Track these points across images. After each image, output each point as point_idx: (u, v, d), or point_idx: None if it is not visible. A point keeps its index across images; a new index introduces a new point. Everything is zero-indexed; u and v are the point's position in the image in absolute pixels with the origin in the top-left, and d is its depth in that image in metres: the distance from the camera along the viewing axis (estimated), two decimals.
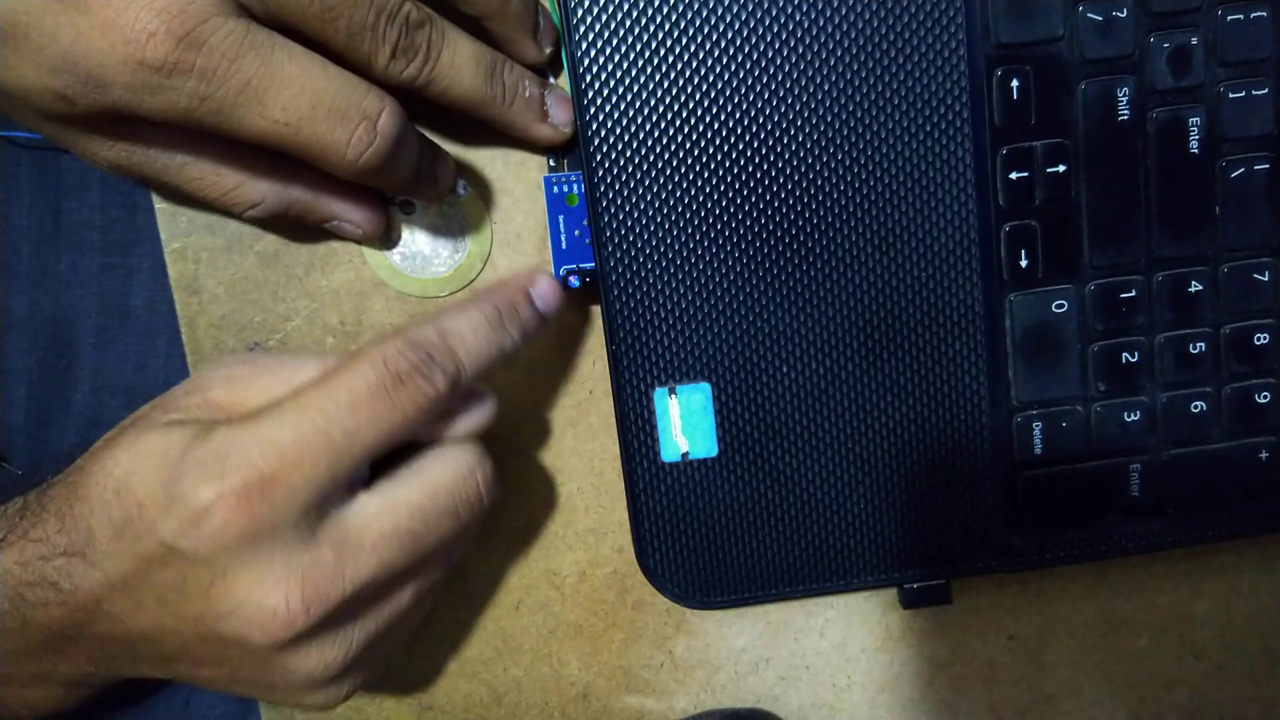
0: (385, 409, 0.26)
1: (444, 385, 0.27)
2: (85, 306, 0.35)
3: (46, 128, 0.27)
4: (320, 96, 0.26)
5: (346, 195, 0.31)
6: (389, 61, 0.27)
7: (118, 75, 0.24)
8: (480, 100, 0.29)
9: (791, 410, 0.33)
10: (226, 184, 0.29)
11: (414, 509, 0.28)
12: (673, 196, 0.31)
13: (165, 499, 0.25)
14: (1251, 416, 0.33)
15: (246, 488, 0.25)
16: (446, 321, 0.28)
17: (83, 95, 0.25)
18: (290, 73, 0.26)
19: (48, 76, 0.25)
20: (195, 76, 0.25)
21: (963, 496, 0.33)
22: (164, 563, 0.26)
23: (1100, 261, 0.32)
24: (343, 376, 0.26)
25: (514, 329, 0.30)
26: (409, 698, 0.36)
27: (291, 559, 0.26)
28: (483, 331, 0.29)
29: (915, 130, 0.31)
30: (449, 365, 0.28)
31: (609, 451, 0.35)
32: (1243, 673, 0.37)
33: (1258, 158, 0.32)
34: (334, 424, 0.26)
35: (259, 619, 0.26)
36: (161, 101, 0.25)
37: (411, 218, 0.33)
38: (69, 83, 0.25)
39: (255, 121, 0.26)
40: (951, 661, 0.37)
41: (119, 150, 0.28)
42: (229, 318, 0.33)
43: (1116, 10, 0.31)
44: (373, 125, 0.27)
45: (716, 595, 0.34)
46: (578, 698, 0.36)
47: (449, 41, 0.28)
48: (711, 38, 0.30)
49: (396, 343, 0.27)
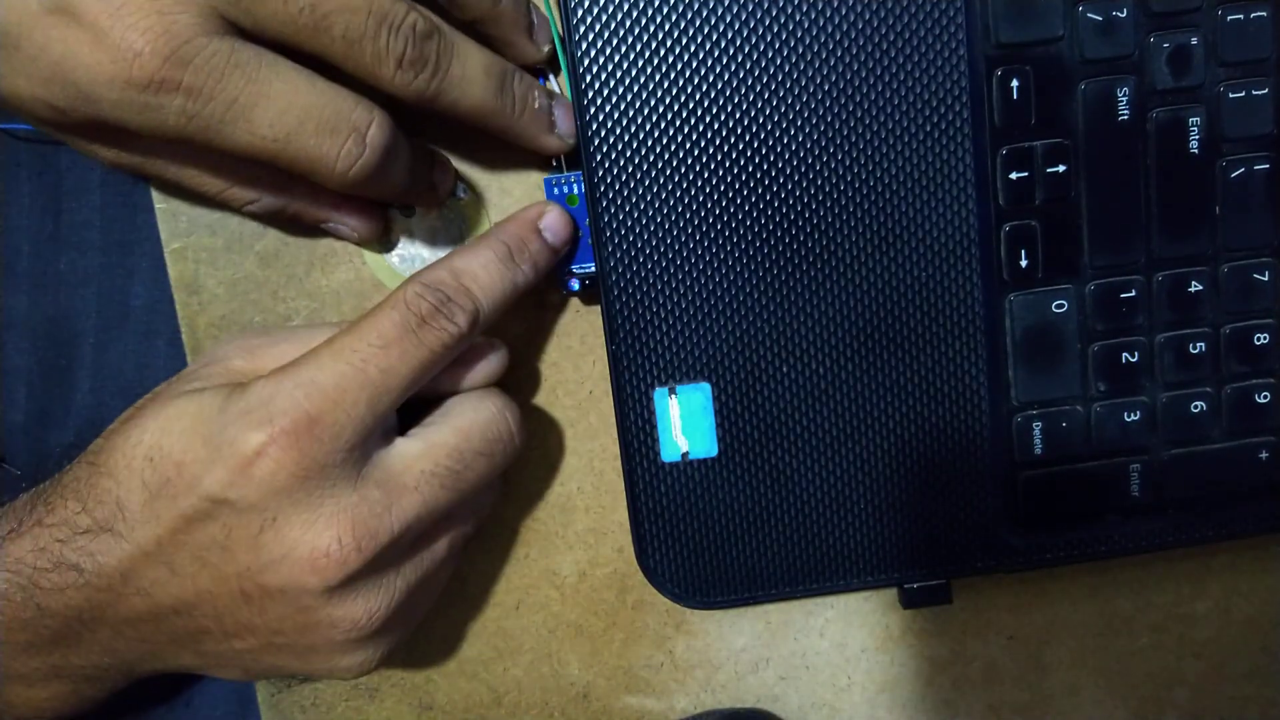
0: (414, 346, 0.27)
1: (465, 322, 0.28)
2: (85, 306, 0.35)
3: (48, 128, 0.28)
4: (308, 111, 0.26)
5: (342, 199, 0.31)
6: (395, 73, 0.27)
7: (106, 92, 0.25)
8: (490, 112, 0.29)
9: (791, 410, 0.33)
10: (223, 183, 0.30)
11: (451, 449, 0.29)
12: (673, 197, 0.31)
13: (209, 452, 0.26)
14: (1251, 416, 0.33)
15: (295, 428, 0.26)
16: (459, 261, 0.29)
17: (74, 108, 0.25)
18: (277, 89, 0.26)
19: (39, 88, 0.25)
20: (182, 94, 0.25)
21: (963, 496, 0.33)
22: (208, 517, 0.26)
23: (1100, 261, 0.32)
24: (370, 321, 0.27)
25: (525, 264, 0.30)
26: (409, 698, 0.36)
27: (341, 499, 0.27)
28: (495, 268, 0.29)
29: (915, 130, 0.31)
30: (467, 303, 0.29)
31: (609, 451, 0.35)
32: (1243, 673, 0.37)
33: (1258, 158, 0.32)
34: (369, 362, 0.27)
35: (312, 560, 0.26)
36: (150, 119, 0.25)
37: (411, 220, 0.33)
38: (60, 95, 0.25)
39: (243, 138, 0.26)
40: (951, 661, 0.37)
41: (116, 153, 0.28)
42: (229, 318, 0.33)
43: (1116, 10, 0.31)
44: (361, 138, 0.27)
45: (716, 595, 0.34)
46: (578, 698, 0.36)
47: (458, 52, 0.28)
48: (711, 38, 0.30)
49: (415, 286, 0.28)
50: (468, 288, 0.29)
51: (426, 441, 0.29)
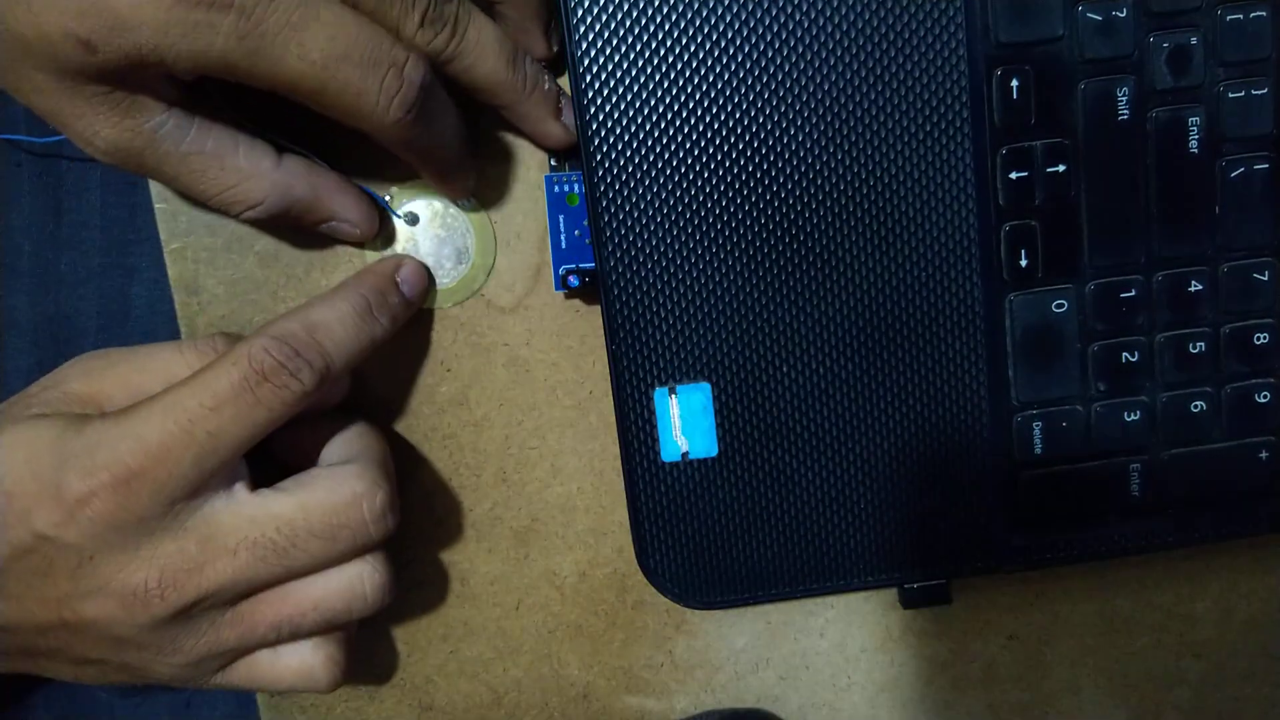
0: (248, 406, 0.27)
1: (310, 380, 0.28)
2: (85, 306, 0.35)
3: (52, 99, 0.26)
4: (355, 40, 0.26)
5: (345, 192, 0.31)
6: (418, 29, 0.27)
7: (150, 13, 0.24)
8: (501, 83, 0.29)
9: (791, 410, 0.33)
10: (228, 179, 0.29)
11: (284, 523, 0.28)
12: (673, 196, 0.31)
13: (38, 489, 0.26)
14: (1251, 416, 0.33)
15: (116, 481, 0.26)
16: (314, 314, 0.29)
17: (108, 40, 0.24)
18: (326, 14, 0.25)
19: (72, 20, 0.24)
20: (236, 11, 0.24)
21: (963, 496, 0.33)
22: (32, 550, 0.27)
23: (1100, 261, 0.32)
24: (207, 376, 0.27)
25: (384, 318, 0.30)
26: (409, 698, 0.36)
27: (157, 548, 0.27)
28: (350, 322, 0.29)
29: (915, 130, 0.31)
30: (316, 359, 0.28)
31: (609, 451, 0.35)
32: (1242, 673, 0.37)
33: (1257, 157, 0.32)
34: (197, 423, 0.26)
35: (122, 598, 0.27)
36: (197, 42, 0.25)
37: (415, 229, 0.33)
38: (95, 26, 0.24)
39: (292, 63, 0.25)
40: (951, 661, 0.37)
41: (123, 129, 0.27)
42: (229, 318, 0.33)
43: (1116, 10, 0.31)
44: (399, 72, 0.27)
45: (716, 595, 0.34)
46: (578, 698, 0.36)
47: (474, 19, 0.28)
48: (711, 37, 0.30)
49: (262, 339, 0.28)
50: (320, 342, 0.28)
51: (263, 508, 0.28)
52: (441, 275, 0.34)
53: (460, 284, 0.34)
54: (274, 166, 0.30)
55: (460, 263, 0.33)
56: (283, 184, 0.30)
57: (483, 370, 0.34)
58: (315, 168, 0.31)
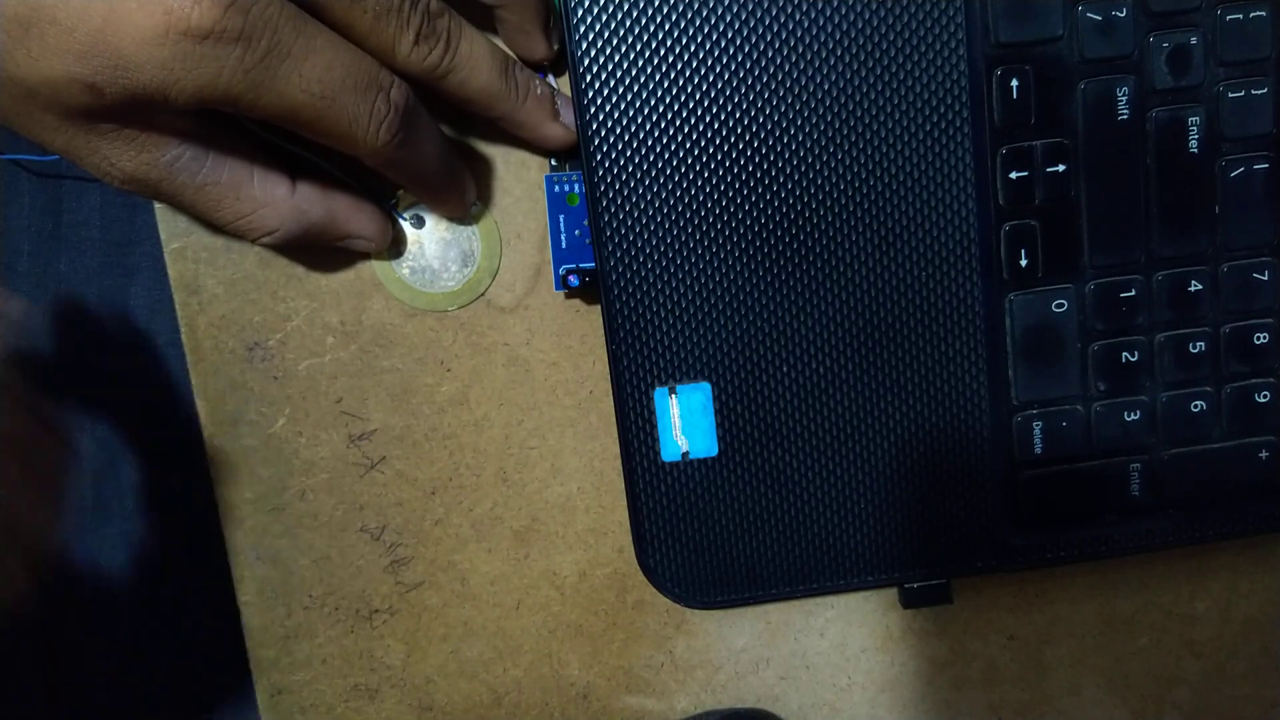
0: None
1: None
2: (85, 306, 0.35)
3: (63, 136, 0.26)
4: (349, 68, 0.26)
5: (359, 210, 0.31)
6: (412, 48, 0.27)
7: (154, 52, 0.24)
8: (495, 94, 0.30)
9: (791, 410, 0.33)
10: (243, 208, 0.29)
11: None
12: (673, 196, 0.31)
13: None
14: (1251, 416, 0.33)
15: None
16: None
17: (112, 80, 0.24)
18: (321, 44, 0.26)
19: (75, 64, 0.24)
20: (241, 44, 0.24)
21: (963, 496, 0.33)
22: None
23: (1100, 261, 0.32)
24: None
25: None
26: (409, 698, 0.36)
27: None
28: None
29: (915, 130, 0.31)
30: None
31: (609, 451, 0.35)
32: (1242, 672, 0.37)
33: (1257, 157, 0.32)
34: None
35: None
36: (202, 75, 0.25)
37: (421, 232, 0.33)
38: (98, 67, 0.24)
39: (295, 94, 0.26)
40: (951, 661, 0.37)
41: (139, 163, 0.27)
42: (229, 318, 0.33)
43: (1116, 10, 0.31)
44: (387, 95, 0.27)
45: (716, 595, 0.34)
46: (578, 698, 0.36)
47: (466, 33, 0.29)
48: (711, 37, 0.30)
49: None
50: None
51: None
52: (447, 278, 0.34)
53: (466, 287, 0.34)
54: (288, 194, 0.30)
55: (466, 265, 0.33)
56: (297, 211, 0.30)
57: (483, 370, 0.34)
58: (329, 190, 0.31)
